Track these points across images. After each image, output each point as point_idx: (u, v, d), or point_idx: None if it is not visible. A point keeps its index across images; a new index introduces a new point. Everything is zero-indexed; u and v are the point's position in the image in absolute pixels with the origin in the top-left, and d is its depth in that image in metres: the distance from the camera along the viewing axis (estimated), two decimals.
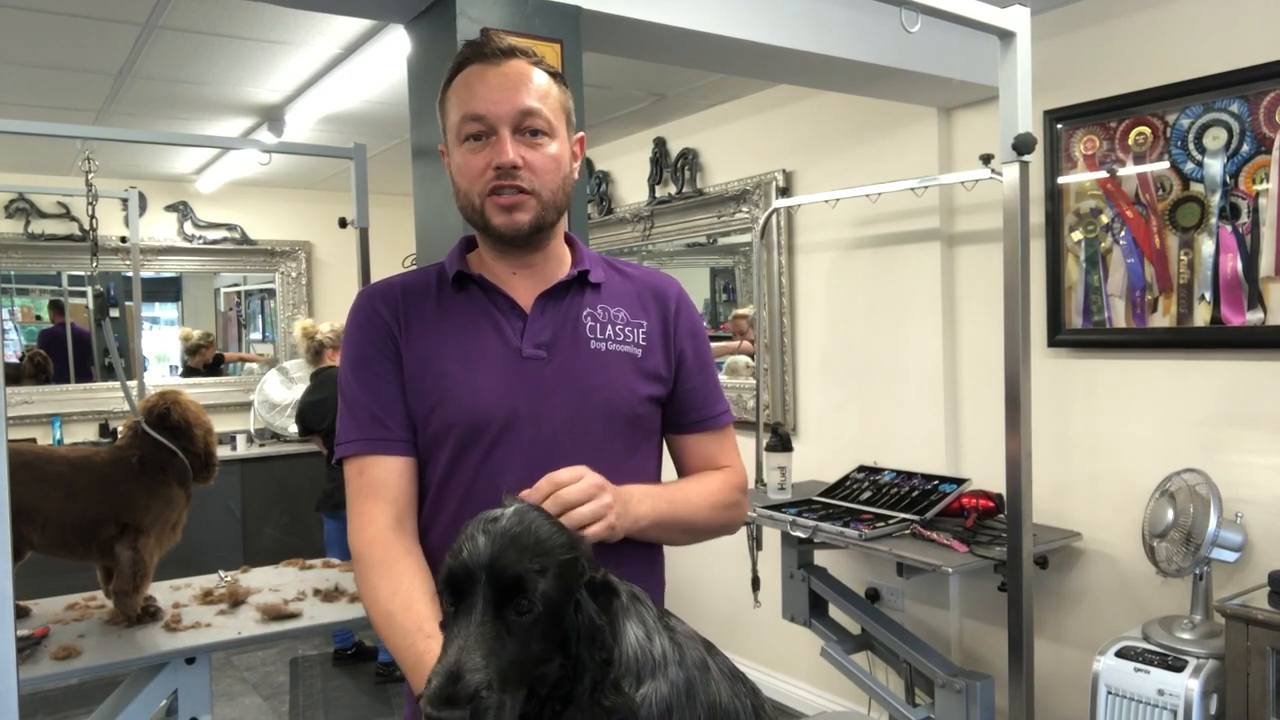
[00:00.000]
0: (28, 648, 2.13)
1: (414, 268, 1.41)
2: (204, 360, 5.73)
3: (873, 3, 2.25)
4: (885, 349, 3.38)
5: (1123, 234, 2.68)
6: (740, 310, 4.16)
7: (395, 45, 2.95)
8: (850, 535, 2.72)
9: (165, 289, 5.81)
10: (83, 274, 5.35)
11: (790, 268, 3.73)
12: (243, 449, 5.29)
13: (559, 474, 1.05)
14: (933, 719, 2.75)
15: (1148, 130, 2.61)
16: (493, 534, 0.85)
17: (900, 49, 2.58)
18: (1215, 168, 2.47)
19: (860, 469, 3.26)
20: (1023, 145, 1.99)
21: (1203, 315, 2.51)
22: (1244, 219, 2.43)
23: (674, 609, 1.05)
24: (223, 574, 2.75)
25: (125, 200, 4.30)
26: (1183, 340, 2.56)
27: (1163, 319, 2.60)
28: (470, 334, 1.19)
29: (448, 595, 0.86)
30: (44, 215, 5.05)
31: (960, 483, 2.89)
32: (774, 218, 3.64)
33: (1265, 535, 2.40)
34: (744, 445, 1.30)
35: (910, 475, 3.07)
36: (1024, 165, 2.03)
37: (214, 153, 4.69)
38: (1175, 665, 2.19)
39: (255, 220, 5.71)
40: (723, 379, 4.09)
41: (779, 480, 3.24)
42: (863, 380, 3.47)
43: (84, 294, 5.43)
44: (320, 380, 4.19)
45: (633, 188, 4.54)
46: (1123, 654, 2.29)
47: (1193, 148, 2.52)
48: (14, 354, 5.17)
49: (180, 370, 5.77)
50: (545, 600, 0.83)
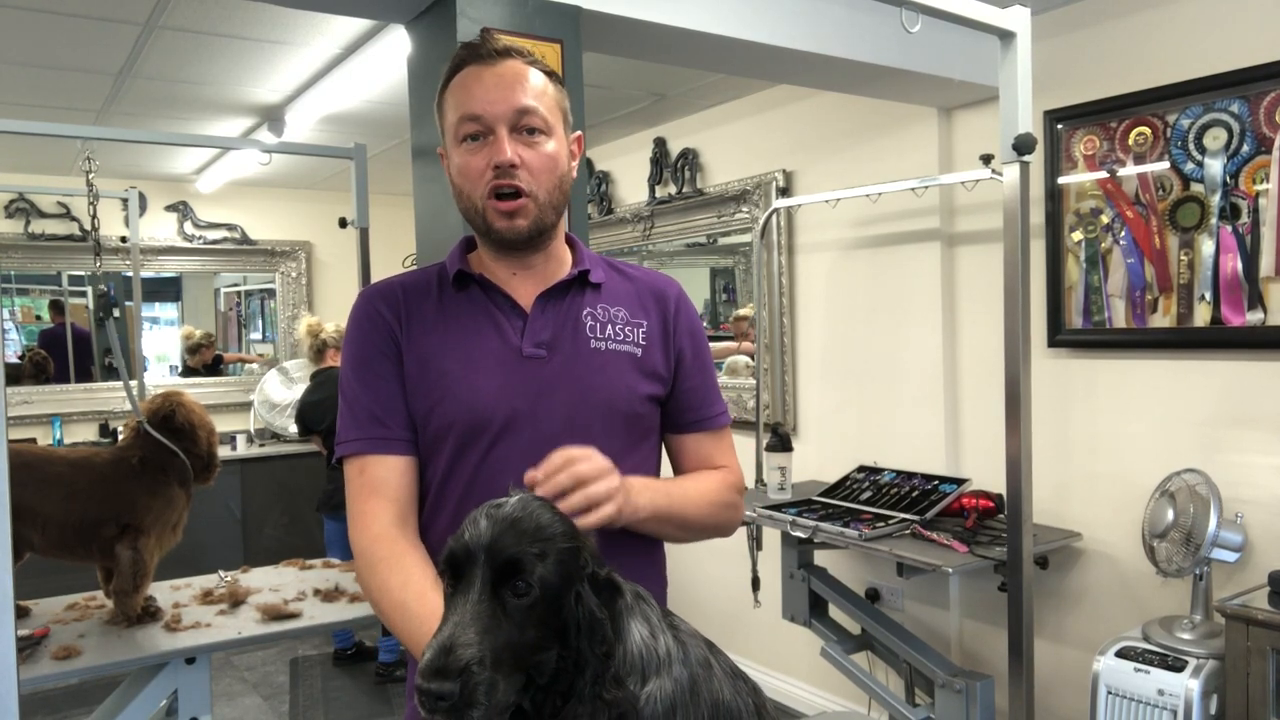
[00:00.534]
0: (28, 648, 2.13)
1: (414, 268, 1.41)
2: (204, 360, 5.73)
3: (873, 3, 2.25)
4: (885, 349, 3.38)
5: (1123, 234, 2.68)
6: (741, 311, 4.16)
7: (395, 45, 2.95)
8: (850, 535, 2.72)
9: (165, 289, 5.81)
10: (83, 274, 5.35)
11: (790, 268, 3.73)
12: (243, 449, 5.29)
13: (572, 450, 1.06)
14: (933, 719, 2.75)
15: (1148, 130, 2.61)
16: (495, 518, 0.87)
17: (900, 49, 2.58)
18: (1215, 168, 2.47)
19: (860, 469, 3.26)
20: (1023, 145, 1.99)
21: (1203, 315, 2.51)
22: (1244, 219, 2.43)
23: (674, 609, 1.05)
24: (223, 574, 2.75)
25: (125, 200, 4.30)
26: (1183, 340, 2.56)
27: (1163, 319, 2.60)
28: (471, 333, 1.20)
29: (448, 575, 0.87)
30: (44, 215, 5.05)
31: (960, 483, 2.89)
32: (774, 218, 3.64)
33: (1265, 535, 2.40)
34: (744, 445, 1.31)
35: (910, 475, 3.07)
36: (1024, 165, 2.03)
37: (214, 153, 4.69)
38: (1175, 665, 2.19)
39: (255, 220, 5.71)
40: (723, 379, 4.09)
41: (779, 480, 3.24)
42: (863, 380, 3.47)
43: (84, 294, 5.44)
44: (320, 380, 4.18)
45: (633, 188, 4.54)
46: (1123, 654, 2.29)
47: (1193, 148, 2.52)
48: (14, 354, 5.17)
49: (180, 370, 5.77)
50: (543, 584, 0.84)
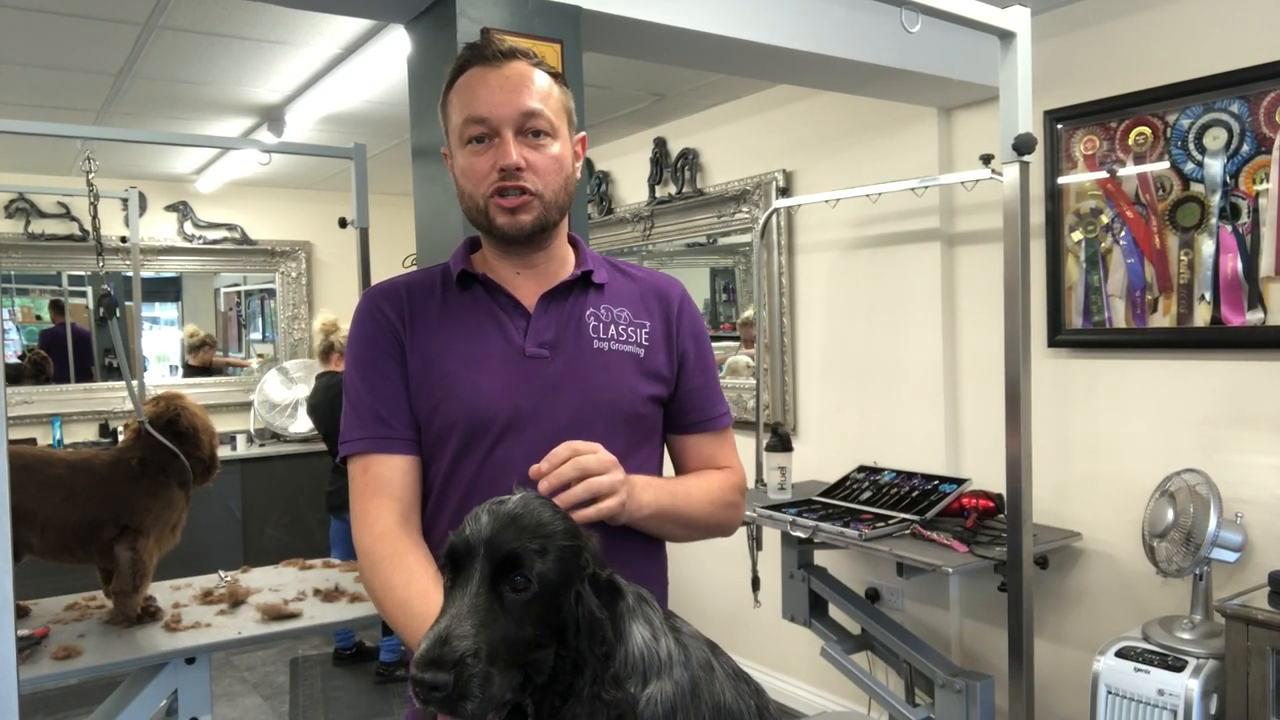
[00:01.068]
0: (28, 648, 2.13)
1: (415, 268, 1.41)
2: (205, 360, 5.73)
3: (873, 3, 2.25)
4: (885, 349, 3.38)
5: (1123, 234, 2.68)
6: (748, 314, 4.15)
7: (395, 45, 2.95)
8: (850, 535, 2.72)
9: (165, 289, 5.81)
10: (83, 274, 5.35)
11: (790, 268, 3.73)
12: (243, 449, 5.29)
13: (577, 443, 1.06)
14: (933, 719, 2.75)
15: (1148, 130, 2.61)
16: (497, 514, 0.87)
17: (900, 49, 2.58)
18: (1215, 168, 2.47)
19: (860, 469, 3.26)
20: (1023, 145, 1.99)
21: (1203, 315, 2.52)
22: (1244, 219, 2.43)
23: (674, 609, 1.05)
24: (223, 574, 2.75)
25: (125, 200, 4.30)
26: (1183, 340, 2.56)
27: (1163, 319, 2.60)
28: (474, 333, 1.20)
29: (448, 569, 0.88)
30: (44, 215, 5.05)
31: (960, 483, 2.90)
32: (774, 218, 3.64)
33: (1265, 535, 2.40)
34: (744, 445, 1.31)
35: (910, 475, 3.07)
36: (1024, 165, 2.03)
37: (214, 153, 4.69)
38: (1175, 665, 2.20)
39: (255, 220, 5.71)
40: (723, 379, 4.09)
41: (779, 480, 3.24)
42: (863, 380, 3.47)
43: (84, 294, 5.44)
44: (325, 384, 4.17)
45: (633, 188, 4.54)
46: (1123, 654, 2.29)
47: (1193, 148, 2.52)
48: (14, 354, 5.17)
49: (181, 370, 5.77)
50: (541, 580, 0.84)
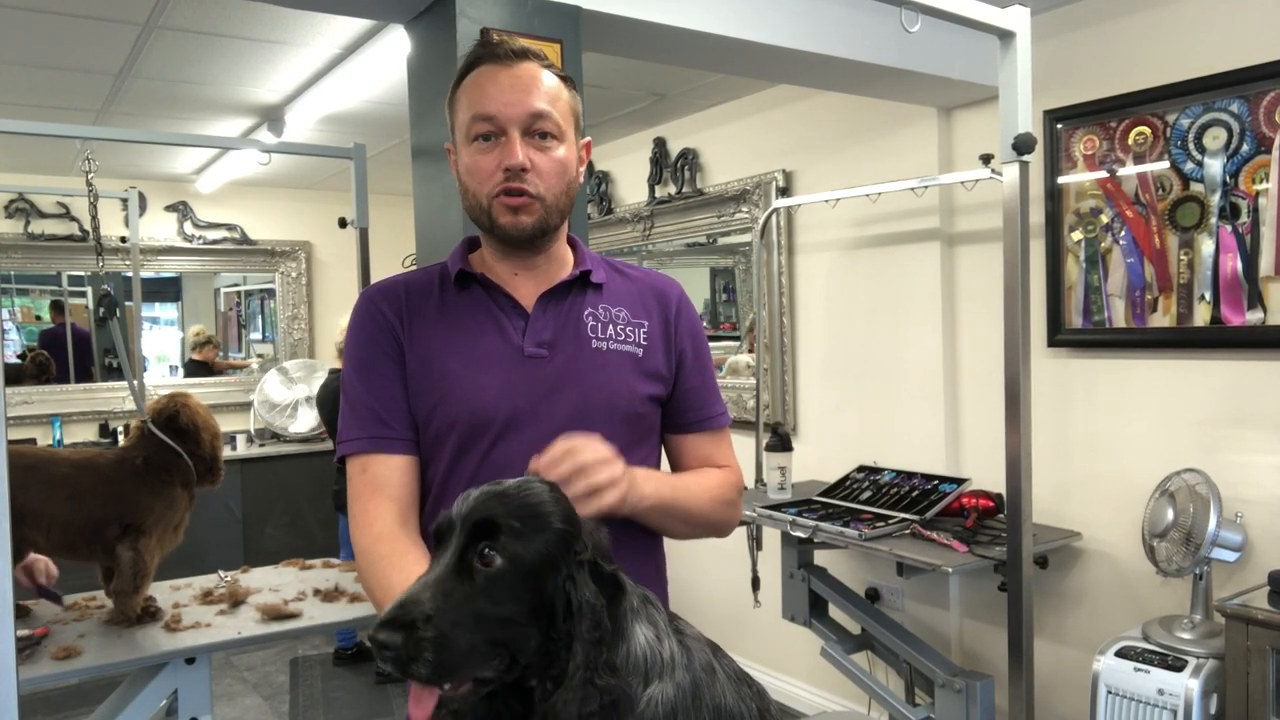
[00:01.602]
0: (28, 648, 2.13)
1: (415, 267, 1.41)
2: (208, 357, 5.73)
3: (873, 3, 2.25)
4: (885, 349, 3.38)
5: (1123, 234, 2.68)
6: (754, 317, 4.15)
7: (395, 45, 2.95)
8: (850, 535, 2.72)
9: (165, 289, 5.81)
10: (83, 274, 5.35)
11: (790, 268, 3.73)
12: (243, 449, 5.29)
13: (575, 439, 1.06)
14: (933, 719, 2.75)
15: (1148, 130, 2.61)
16: (487, 492, 0.88)
17: (900, 49, 2.58)
18: (1215, 167, 2.47)
19: (860, 469, 3.26)
20: (1023, 145, 1.99)
21: (1203, 315, 2.52)
22: (1244, 219, 2.43)
23: (674, 609, 1.05)
24: (223, 574, 2.75)
25: (125, 200, 4.30)
26: (1183, 340, 2.56)
27: (1163, 319, 2.60)
28: (472, 333, 1.20)
29: (434, 543, 0.89)
30: (44, 215, 5.05)
31: (960, 483, 2.89)
32: (774, 218, 3.64)
33: (1265, 535, 2.40)
34: (744, 445, 1.31)
35: (910, 475, 3.07)
36: (1024, 165, 2.03)
37: (214, 153, 4.69)
38: (1175, 665, 2.20)
39: (255, 220, 5.71)
40: (723, 379, 4.09)
41: (779, 480, 3.24)
42: (863, 380, 3.47)
43: (84, 294, 5.44)
44: (334, 378, 4.18)
45: (633, 188, 4.54)
46: (1123, 654, 2.29)
47: (1193, 147, 2.52)
48: (14, 354, 5.16)
49: (182, 371, 5.77)
50: (512, 557, 0.84)
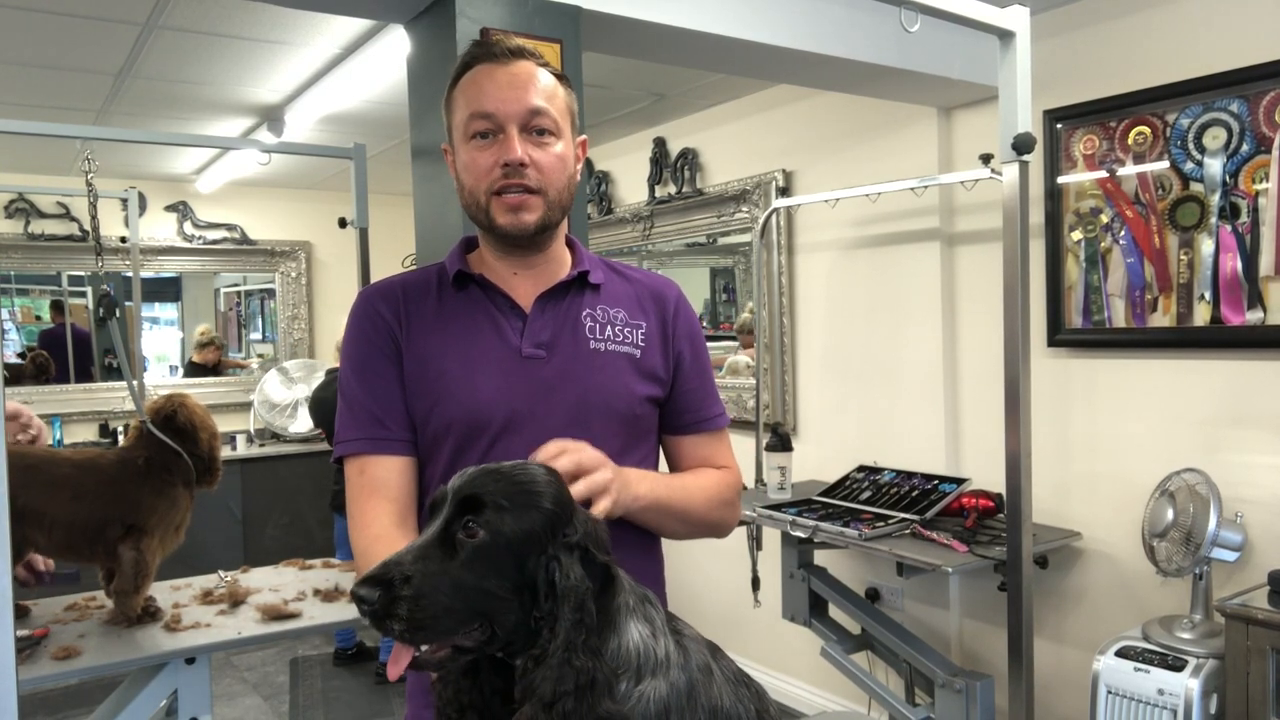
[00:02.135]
0: (28, 648, 2.13)
1: (414, 268, 1.41)
2: (208, 359, 5.73)
3: (873, 3, 2.25)
4: (885, 349, 3.38)
5: (1122, 234, 2.68)
6: (745, 317, 4.16)
7: (395, 45, 2.95)
8: (850, 535, 2.72)
9: (165, 289, 5.81)
10: (83, 274, 5.35)
11: (790, 268, 3.73)
12: (243, 449, 5.29)
13: (564, 441, 1.06)
14: (933, 719, 2.75)
15: (1147, 130, 2.61)
16: (483, 469, 0.90)
17: (900, 49, 2.58)
18: (1215, 167, 2.47)
19: (860, 469, 3.26)
20: (1022, 145, 1.99)
21: (1203, 315, 2.51)
22: (1244, 218, 2.43)
23: (674, 609, 1.05)
24: (223, 574, 2.75)
25: (125, 200, 4.30)
26: (1183, 340, 2.56)
27: (1163, 319, 2.60)
28: (470, 333, 1.20)
29: (427, 514, 0.91)
30: (44, 215, 5.05)
31: (960, 482, 2.89)
32: (774, 218, 3.64)
33: (1265, 535, 2.40)
34: (744, 445, 1.31)
35: (910, 475, 3.07)
36: (1024, 165, 2.03)
37: (214, 153, 4.69)
38: (1175, 665, 2.20)
39: (255, 220, 5.71)
40: (723, 379, 4.09)
41: (779, 480, 3.24)
42: (863, 380, 3.47)
43: (84, 294, 5.44)
44: (332, 377, 4.19)
45: (633, 188, 4.54)
46: (1123, 654, 2.29)
47: (1192, 147, 2.52)
48: (13, 354, 5.16)
49: (183, 370, 5.77)
50: (494, 531, 0.85)
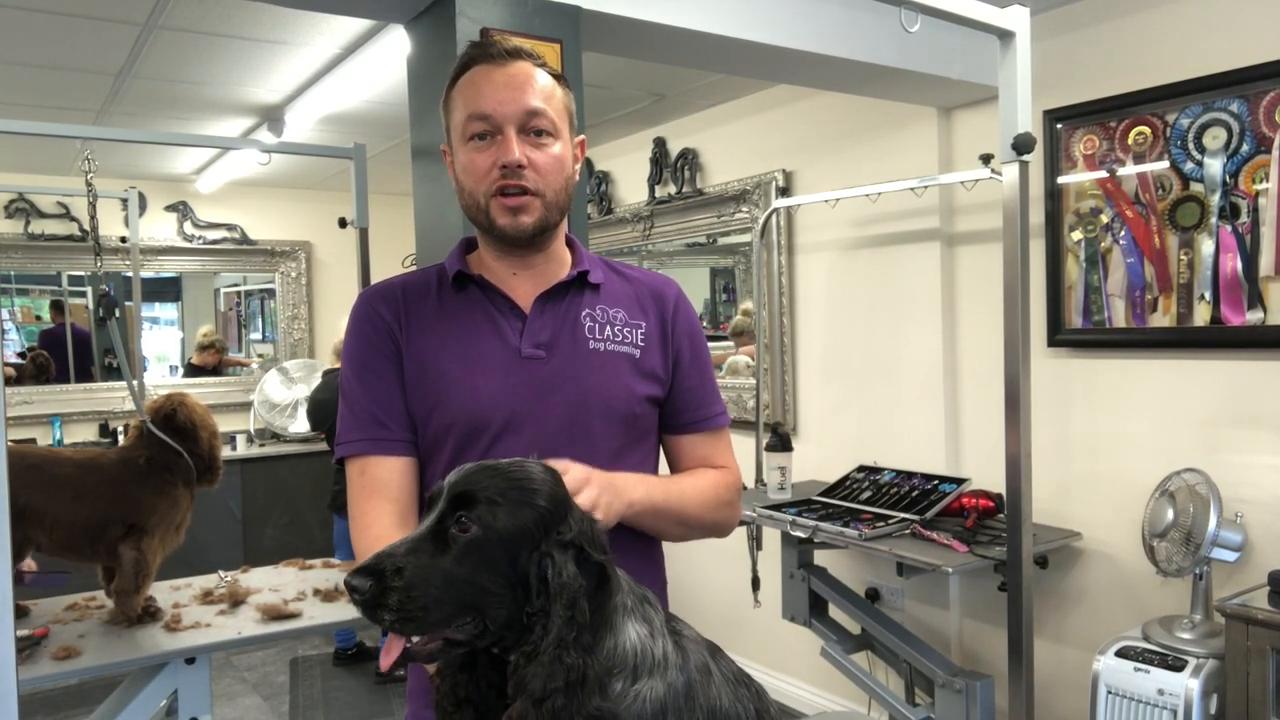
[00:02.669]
0: (28, 648, 2.13)
1: (414, 268, 1.41)
2: (207, 361, 5.72)
3: (873, 3, 2.25)
4: (885, 349, 3.38)
5: (1122, 234, 2.68)
6: (738, 319, 4.19)
7: (395, 45, 2.95)
8: (850, 535, 2.72)
9: (165, 289, 5.81)
10: (83, 274, 5.35)
11: (790, 268, 3.73)
12: (243, 449, 5.29)
13: (554, 463, 1.04)
14: (933, 719, 2.75)
15: (1147, 130, 2.61)
16: (479, 465, 0.91)
17: (900, 49, 2.58)
18: (1215, 167, 2.47)
19: (860, 469, 3.26)
20: (1022, 145, 1.99)
21: (1203, 315, 2.51)
22: (1244, 219, 2.43)
23: (674, 609, 1.05)
24: (223, 574, 2.75)
25: (125, 200, 4.30)
26: (1183, 340, 2.56)
27: (1163, 319, 2.60)
28: (470, 334, 1.20)
29: (425, 508, 0.92)
30: (44, 215, 5.05)
31: (960, 483, 2.89)
32: (774, 218, 3.63)
33: (1265, 535, 2.40)
34: (744, 445, 1.31)
35: (910, 475, 3.07)
36: (1024, 165, 2.03)
37: (214, 153, 4.69)
38: (1175, 665, 2.19)
39: (255, 220, 5.71)
40: (723, 379, 4.09)
41: (779, 480, 3.24)
42: (863, 380, 3.47)
43: (84, 294, 5.44)
44: (332, 378, 4.19)
45: (633, 188, 4.54)
46: (1123, 654, 2.29)
47: (1192, 147, 2.52)
48: (14, 354, 5.17)
49: (184, 369, 5.77)
50: (485, 526, 0.86)
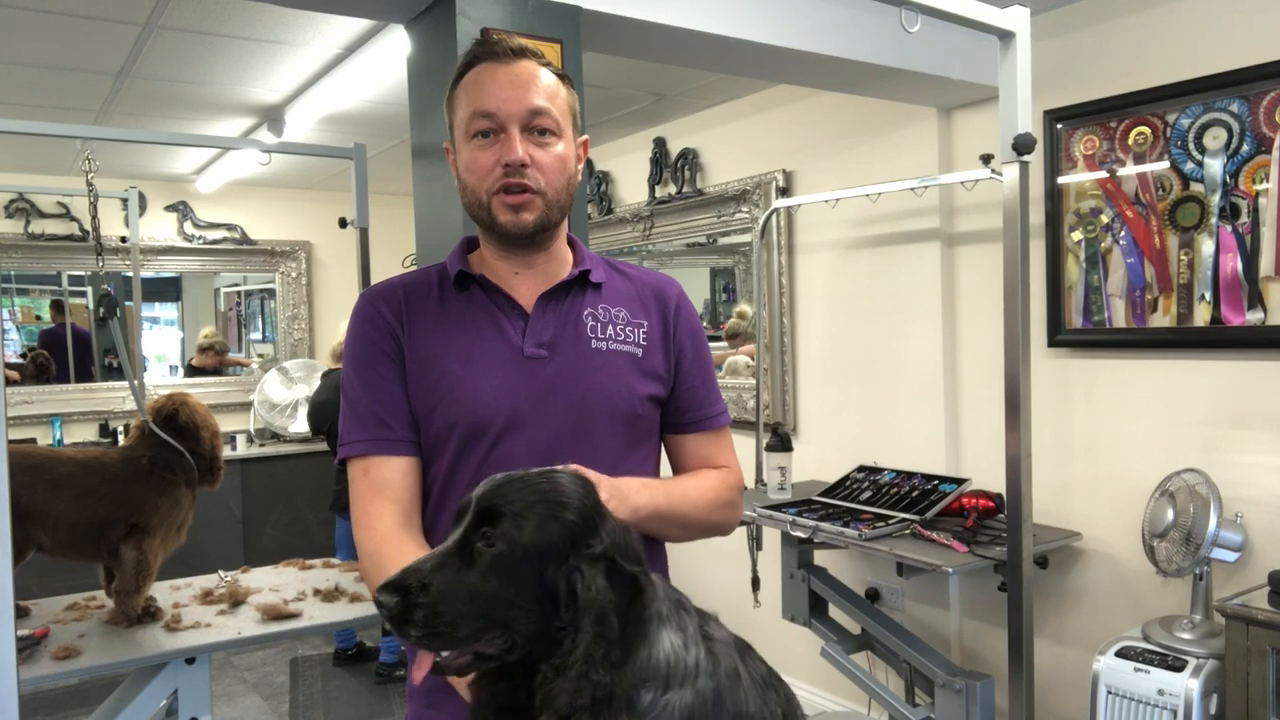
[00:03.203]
0: (28, 648, 2.13)
1: (415, 268, 1.41)
2: (208, 363, 5.72)
3: (873, 3, 2.25)
4: (885, 349, 3.38)
5: (1123, 234, 2.68)
6: (733, 321, 4.21)
7: (395, 45, 2.95)
8: (850, 535, 2.72)
9: (165, 289, 5.81)
10: (83, 274, 5.35)
11: (790, 268, 3.73)
12: (243, 449, 5.29)
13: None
14: (933, 719, 2.75)
15: (1148, 130, 2.61)
16: (508, 478, 0.90)
17: (900, 49, 2.58)
18: (1215, 167, 2.47)
19: (860, 469, 3.26)
20: (1023, 145, 1.99)
21: (1203, 315, 2.52)
22: (1244, 219, 2.43)
23: None
24: (223, 574, 2.75)
25: (125, 200, 4.30)
26: (1183, 340, 2.56)
27: (1163, 319, 2.60)
28: (472, 334, 1.20)
29: (453, 521, 0.91)
30: (44, 215, 5.05)
31: (960, 483, 2.89)
32: (774, 218, 3.64)
33: (1265, 535, 2.40)
34: (744, 445, 1.31)
35: (910, 475, 3.07)
36: (1024, 165, 2.03)
37: (214, 153, 4.69)
38: (1175, 665, 2.20)
39: (255, 220, 5.71)
40: (723, 379, 4.09)
41: (779, 480, 3.24)
42: (863, 380, 3.47)
43: (84, 294, 5.44)
44: (333, 380, 4.19)
45: (633, 188, 4.54)
46: (1123, 654, 2.29)
47: (1193, 147, 2.52)
48: (14, 354, 5.17)
49: (184, 370, 5.77)
50: (510, 542, 0.85)
